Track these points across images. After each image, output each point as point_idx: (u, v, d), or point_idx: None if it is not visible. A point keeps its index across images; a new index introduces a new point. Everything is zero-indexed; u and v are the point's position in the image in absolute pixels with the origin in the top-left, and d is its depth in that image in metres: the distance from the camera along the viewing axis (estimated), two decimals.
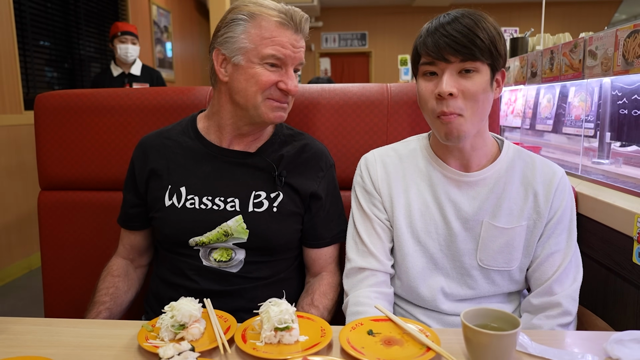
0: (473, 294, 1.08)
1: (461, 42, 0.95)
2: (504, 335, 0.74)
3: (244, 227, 1.10)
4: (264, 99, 1.06)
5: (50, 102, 1.39)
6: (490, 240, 1.06)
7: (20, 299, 3.05)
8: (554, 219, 1.06)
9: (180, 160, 1.14)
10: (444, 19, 0.99)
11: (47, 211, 1.39)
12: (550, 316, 1.03)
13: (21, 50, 3.57)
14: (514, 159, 1.09)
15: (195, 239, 1.10)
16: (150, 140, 1.18)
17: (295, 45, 1.06)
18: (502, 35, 1.00)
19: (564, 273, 1.05)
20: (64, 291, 1.41)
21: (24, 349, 0.84)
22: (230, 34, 1.06)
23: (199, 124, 1.18)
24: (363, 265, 1.10)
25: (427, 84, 1.01)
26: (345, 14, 10.00)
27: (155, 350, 0.79)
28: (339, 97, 1.37)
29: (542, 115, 2.16)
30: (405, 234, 1.09)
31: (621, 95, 1.54)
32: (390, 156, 1.15)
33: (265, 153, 1.15)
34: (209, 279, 1.11)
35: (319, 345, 0.82)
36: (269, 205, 1.12)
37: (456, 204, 1.07)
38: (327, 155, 1.21)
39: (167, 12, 6.52)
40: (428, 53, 0.99)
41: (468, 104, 0.98)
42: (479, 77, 0.98)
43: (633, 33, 1.32)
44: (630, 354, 0.78)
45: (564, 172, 1.09)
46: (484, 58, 0.97)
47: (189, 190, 1.12)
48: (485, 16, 1.00)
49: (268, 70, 1.05)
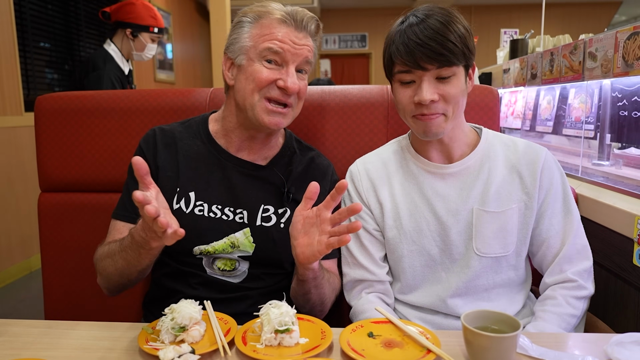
0: (473, 286, 1.07)
1: (436, 49, 0.95)
2: (505, 338, 0.74)
3: (251, 241, 1.09)
4: (260, 98, 1.04)
5: (50, 104, 1.39)
6: (484, 227, 1.06)
7: (20, 301, 3.05)
8: (547, 198, 1.06)
9: (191, 164, 1.11)
10: (414, 20, 0.98)
11: (47, 213, 1.39)
12: (566, 287, 1.04)
13: (21, 51, 3.57)
14: (495, 144, 1.10)
15: (200, 248, 1.07)
16: (162, 135, 1.13)
17: (295, 41, 1.04)
18: (470, 31, 1.01)
19: (571, 251, 1.05)
20: (64, 293, 1.41)
21: (24, 351, 0.84)
22: (234, 36, 1.07)
23: (211, 126, 1.16)
24: (357, 277, 1.12)
25: (405, 91, 1.02)
26: (345, 16, 10.00)
27: (156, 352, 0.79)
28: (339, 99, 1.37)
29: (542, 116, 2.16)
30: (398, 237, 1.10)
31: (621, 96, 1.54)
32: (372, 162, 1.16)
33: (276, 167, 1.13)
34: (211, 287, 1.09)
35: (319, 347, 0.82)
36: (276, 220, 1.10)
37: (444, 197, 1.08)
38: (332, 171, 1.21)
39: (168, 13, 6.52)
40: (404, 62, 0.99)
41: (449, 106, 1.00)
42: (456, 79, 1.00)
43: (633, 35, 1.32)
44: (631, 356, 0.77)
45: (547, 150, 1.09)
46: (459, 61, 0.98)
47: (198, 196, 1.09)
48: (454, 14, 1.00)
49: (266, 67, 1.03)
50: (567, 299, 1.03)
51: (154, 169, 1.10)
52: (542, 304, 1.06)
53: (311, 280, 0.99)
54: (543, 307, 1.04)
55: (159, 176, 1.10)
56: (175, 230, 0.80)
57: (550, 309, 1.03)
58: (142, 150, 1.12)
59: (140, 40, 2.71)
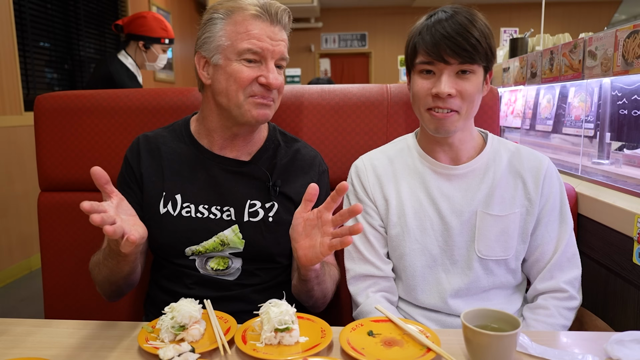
0: (473, 286, 1.08)
1: (461, 44, 0.97)
2: (504, 336, 0.74)
3: (240, 237, 1.09)
4: (246, 97, 1.03)
5: (50, 103, 1.39)
6: (486, 230, 1.07)
7: (20, 301, 3.05)
8: (547, 206, 1.08)
9: (175, 167, 1.12)
10: (442, 15, 1.01)
11: (47, 212, 1.39)
12: (557, 297, 1.06)
13: (21, 51, 3.57)
14: (500, 149, 1.12)
15: (191, 248, 1.08)
16: (146, 142, 1.15)
17: (272, 37, 1.02)
18: (492, 32, 1.03)
19: (562, 259, 1.07)
20: (64, 292, 1.41)
21: (24, 350, 0.84)
22: (207, 34, 1.04)
23: (192, 128, 1.16)
24: (363, 272, 1.12)
25: (424, 82, 1.03)
26: (345, 15, 10.00)
27: (156, 351, 0.79)
28: (339, 98, 1.37)
29: (542, 115, 2.16)
30: (401, 234, 1.10)
31: (621, 95, 1.54)
32: (379, 159, 1.16)
33: (259, 161, 1.13)
34: (207, 287, 1.10)
35: (319, 346, 0.82)
36: (264, 214, 1.10)
37: (449, 198, 1.08)
38: (320, 161, 1.19)
39: (167, 13, 6.52)
40: (427, 53, 1.00)
41: (464, 103, 1.01)
42: (475, 78, 1.01)
43: (633, 33, 1.32)
44: (630, 355, 0.78)
45: (549, 159, 1.11)
46: (481, 61, 1.00)
47: (184, 198, 1.09)
48: (478, 14, 1.02)
49: (246, 66, 1.02)
50: (559, 310, 1.05)
51: (139, 177, 1.12)
52: (534, 313, 1.07)
53: (314, 279, 0.99)
54: (535, 316, 1.06)
55: (144, 183, 1.11)
56: (127, 237, 0.82)
57: (544, 319, 1.05)
58: (127, 160, 1.15)
59: (152, 51, 2.83)
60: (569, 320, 1.06)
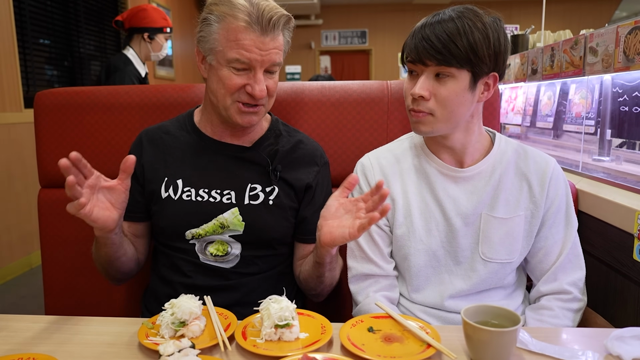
0: (476, 288, 1.08)
1: (437, 47, 0.96)
2: (504, 332, 0.74)
3: (240, 219, 1.10)
4: (233, 102, 1.05)
5: (50, 99, 1.39)
6: (491, 232, 1.06)
7: (21, 297, 3.05)
8: (552, 208, 1.07)
9: (177, 154, 1.15)
10: (432, 19, 0.99)
11: (47, 209, 1.39)
12: (562, 299, 1.06)
13: (21, 48, 3.57)
14: (507, 151, 1.11)
15: (191, 231, 1.11)
16: (148, 134, 1.19)
17: (262, 47, 1.01)
18: (492, 40, 0.98)
19: (566, 260, 1.07)
20: (64, 288, 1.41)
21: (24, 346, 0.84)
22: (202, 33, 1.06)
23: (195, 118, 1.19)
24: (365, 271, 1.12)
25: (409, 82, 1.05)
26: (345, 12, 9.98)
27: (156, 347, 0.79)
28: (339, 95, 1.37)
29: (543, 112, 2.16)
30: (406, 234, 1.10)
31: (622, 92, 1.53)
32: (386, 157, 1.16)
33: (260, 147, 1.15)
34: (206, 274, 1.12)
35: (319, 342, 0.82)
36: (264, 198, 1.12)
37: (455, 200, 1.08)
38: (321, 153, 1.21)
39: (167, 9, 6.51)
40: (409, 54, 1.02)
41: (439, 107, 1.00)
42: (453, 82, 0.98)
43: (634, 30, 1.31)
44: (630, 351, 0.78)
45: (555, 161, 1.10)
46: (460, 65, 0.97)
47: (185, 183, 1.12)
48: (477, 19, 0.97)
49: (234, 73, 1.03)
50: (563, 311, 1.05)
51: (140, 169, 1.15)
52: (537, 314, 1.07)
53: (327, 264, 1.02)
54: (540, 317, 1.06)
55: (146, 173, 1.15)
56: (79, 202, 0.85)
57: (548, 320, 1.05)
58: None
59: (157, 41, 2.90)
60: (575, 323, 1.06)
